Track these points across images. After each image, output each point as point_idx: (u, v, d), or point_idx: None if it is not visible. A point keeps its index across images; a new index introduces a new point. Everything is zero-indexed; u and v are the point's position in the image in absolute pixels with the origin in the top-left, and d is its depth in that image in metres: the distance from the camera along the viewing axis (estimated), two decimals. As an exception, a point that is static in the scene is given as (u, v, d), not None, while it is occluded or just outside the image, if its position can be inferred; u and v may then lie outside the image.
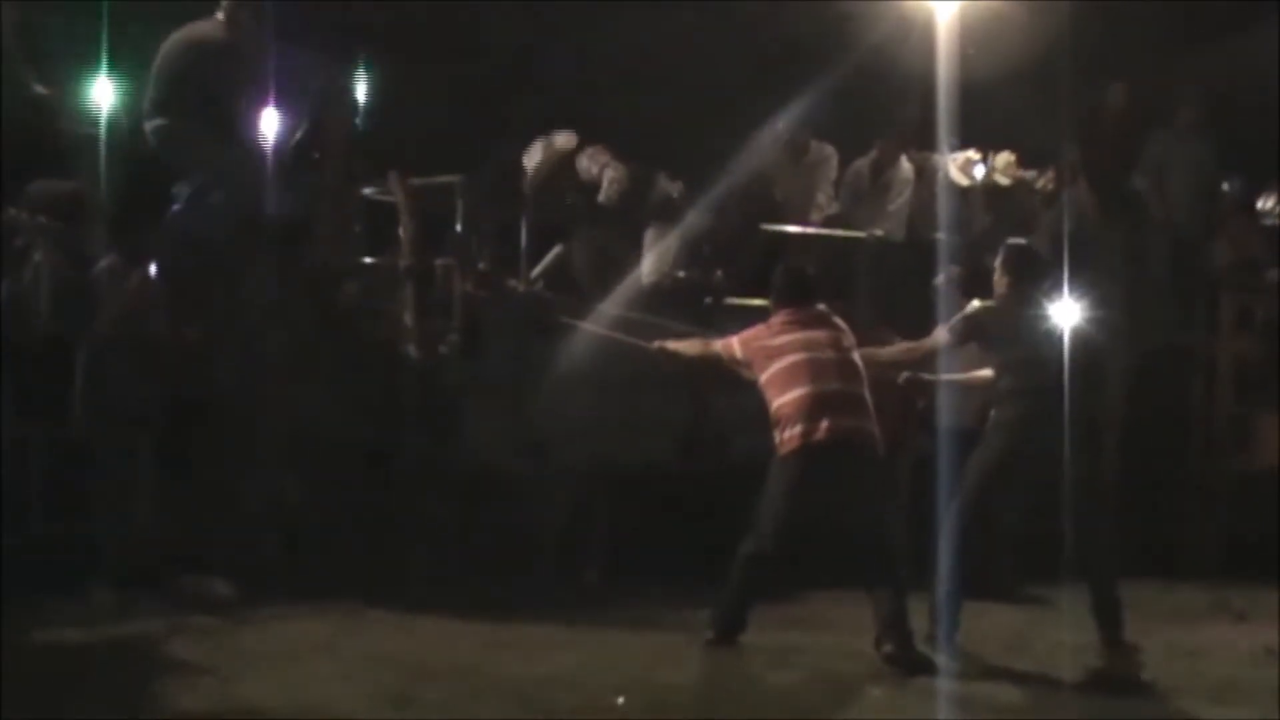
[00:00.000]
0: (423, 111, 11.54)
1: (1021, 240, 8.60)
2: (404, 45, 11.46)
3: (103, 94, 9.56)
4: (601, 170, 10.36)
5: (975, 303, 8.39)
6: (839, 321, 8.04)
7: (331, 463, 9.19)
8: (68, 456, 8.66)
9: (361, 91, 10.90)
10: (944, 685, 7.32)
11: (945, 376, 8.59)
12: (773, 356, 7.84)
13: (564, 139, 10.38)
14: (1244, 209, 12.37)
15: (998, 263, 8.23)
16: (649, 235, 10.40)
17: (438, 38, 12.15)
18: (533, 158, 10.39)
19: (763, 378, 7.85)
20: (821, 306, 8.08)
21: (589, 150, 10.46)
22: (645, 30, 11.86)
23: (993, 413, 8.05)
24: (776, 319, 8.01)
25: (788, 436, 7.66)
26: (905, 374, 8.52)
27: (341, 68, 10.77)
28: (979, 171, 11.37)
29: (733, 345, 8.07)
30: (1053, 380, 7.78)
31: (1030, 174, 11.52)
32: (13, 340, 8.55)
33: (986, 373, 8.27)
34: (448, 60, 12.10)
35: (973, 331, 8.17)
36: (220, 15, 9.32)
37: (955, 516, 7.90)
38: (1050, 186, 11.56)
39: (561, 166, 10.38)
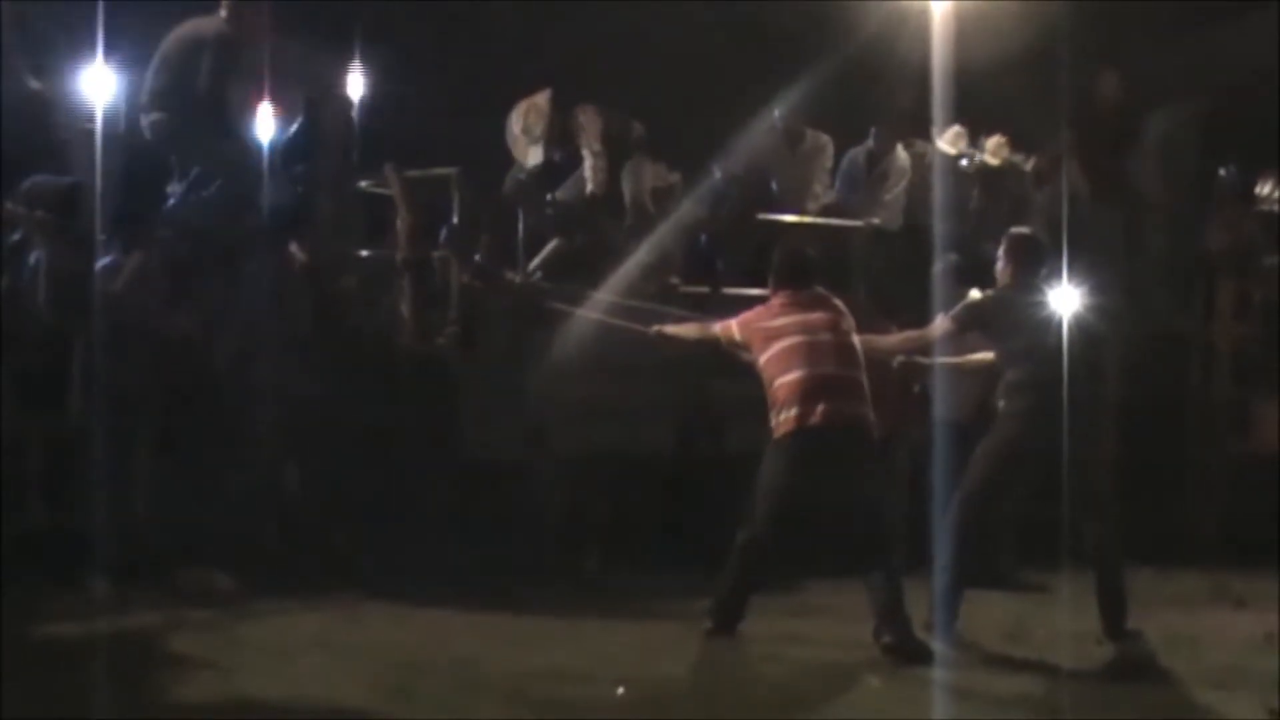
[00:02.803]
0: (420, 104, 11.52)
1: (1025, 229, 8.54)
2: (400, 37, 11.44)
3: (98, 88, 9.53)
4: (585, 144, 10.38)
5: (976, 292, 8.35)
6: (838, 303, 8.00)
7: (330, 455, 9.20)
8: (66, 449, 8.67)
9: (359, 84, 10.87)
10: (943, 674, 7.31)
11: (944, 360, 8.55)
12: (771, 338, 7.82)
13: (541, 96, 10.39)
14: (1240, 194, 12.34)
15: (1000, 251, 8.15)
16: (628, 167, 10.45)
17: (435, 29, 12.14)
18: (525, 118, 10.38)
19: (761, 359, 7.83)
20: (820, 289, 8.05)
21: (581, 118, 10.43)
22: (641, 21, 11.84)
23: (1001, 404, 7.99)
24: (776, 300, 7.99)
25: (783, 419, 7.65)
26: (901, 358, 8.50)
27: (339, 60, 10.77)
28: (967, 161, 11.34)
29: (731, 327, 8.05)
30: (1059, 370, 7.75)
31: (1019, 157, 11.49)
32: (11, 333, 8.55)
33: (986, 355, 8.24)
34: (445, 52, 12.09)
35: (975, 320, 8.09)
36: (223, 13, 9.34)
37: (960, 506, 7.84)
38: (1040, 166, 11.52)
39: (551, 120, 10.38)
